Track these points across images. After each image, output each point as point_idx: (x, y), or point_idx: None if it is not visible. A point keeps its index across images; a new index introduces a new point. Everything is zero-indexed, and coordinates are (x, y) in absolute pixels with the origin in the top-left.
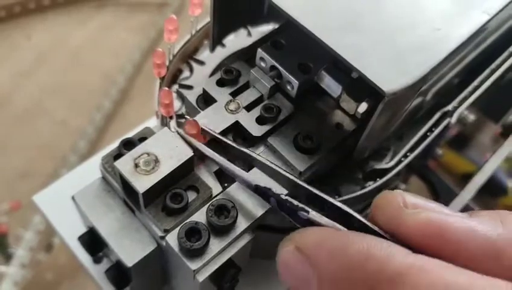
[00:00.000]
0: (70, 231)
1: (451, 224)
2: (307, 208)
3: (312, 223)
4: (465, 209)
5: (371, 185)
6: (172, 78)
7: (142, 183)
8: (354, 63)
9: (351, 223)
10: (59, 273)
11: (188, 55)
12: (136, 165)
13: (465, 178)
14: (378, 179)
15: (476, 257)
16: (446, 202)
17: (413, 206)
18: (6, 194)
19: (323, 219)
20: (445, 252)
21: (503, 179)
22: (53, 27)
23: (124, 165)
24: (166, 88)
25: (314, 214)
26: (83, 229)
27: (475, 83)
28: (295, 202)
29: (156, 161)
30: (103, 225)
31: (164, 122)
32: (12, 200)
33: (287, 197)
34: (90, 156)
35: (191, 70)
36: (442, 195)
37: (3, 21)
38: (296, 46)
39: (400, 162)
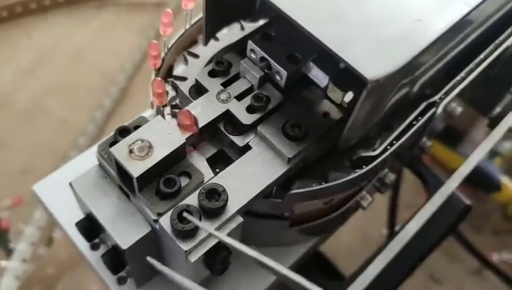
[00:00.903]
0: (68, 219)
1: None
2: None
3: None
4: (451, 198)
5: (358, 172)
6: (168, 71)
7: (137, 168)
8: (338, 51)
9: None
10: (59, 267)
11: (183, 48)
12: (131, 151)
13: None
14: (364, 166)
15: None
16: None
17: None
18: (8, 191)
19: None
20: None
21: (496, 175)
22: (54, 27)
23: (119, 151)
24: (159, 78)
25: None
26: (80, 217)
27: (461, 74)
28: None
29: (150, 147)
30: (100, 209)
31: (159, 112)
32: (13, 196)
33: None
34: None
35: (186, 62)
36: (430, 185)
37: (5, 21)
38: (285, 38)
39: (385, 150)
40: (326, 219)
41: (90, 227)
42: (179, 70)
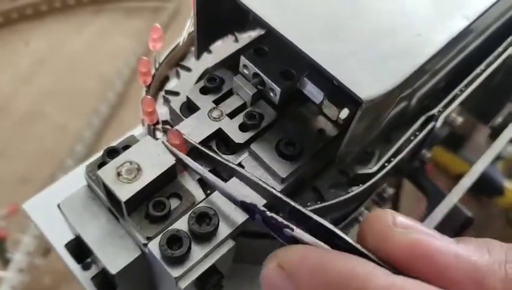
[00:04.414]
0: (59, 238)
1: (437, 247)
2: (291, 225)
3: (297, 240)
4: (453, 211)
5: (355, 190)
6: (160, 85)
7: (125, 192)
8: (331, 69)
9: (335, 242)
10: (56, 277)
11: (176, 61)
12: (119, 174)
13: (460, 178)
14: (361, 185)
15: (458, 281)
16: (435, 204)
17: (402, 226)
18: (5, 199)
19: (307, 237)
20: (429, 274)
21: (499, 179)
22: (51, 32)
23: (107, 173)
24: (149, 96)
25: (298, 232)
26: (71, 236)
27: (460, 87)
28: (280, 219)
29: (139, 169)
30: (88, 232)
31: (149, 130)
32: (10, 204)
33: (272, 214)
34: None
35: (178, 76)
36: (431, 197)
37: (1, 27)
38: (279, 53)
39: (383, 167)
40: None
41: (79, 249)
42: (171, 84)
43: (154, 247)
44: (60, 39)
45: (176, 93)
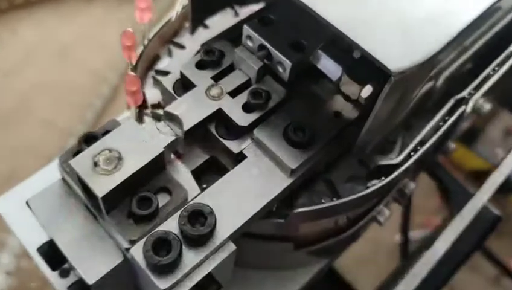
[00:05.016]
0: (35, 239)
1: None
2: None
3: None
4: (483, 211)
5: (375, 185)
6: (150, 64)
7: (102, 186)
8: (355, 38)
9: None
10: (43, 281)
11: (168, 39)
12: (96, 164)
13: (474, 174)
14: (383, 178)
15: None
16: (459, 202)
17: None
18: None
19: None
20: None
21: None
22: (40, 23)
23: (81, 164)
24: (132, 73)
25: None
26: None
27: (493, 66)
28: None
29: (119, 158)
30: (61, 234)
31: (136, 114)
32: None
33: None
34: None
35: (170, 55)
36: (453, 194)
37: None
38: (288, 21)
39: (409, 156)
40: (337, 238)
41: (54, 253)
42: (162, 63)
43: (137, 252)
44: (50, 30)
45: (168, 74)
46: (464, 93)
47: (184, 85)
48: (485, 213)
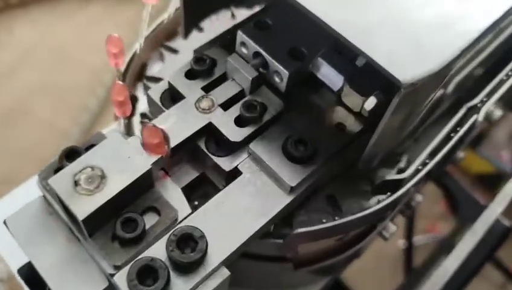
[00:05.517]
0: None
1: None
2: None
3: None
4: (496, 224)
5: (382, 202)
6: (140, 70)
7: (83, 208)
8: (360, 45)
9: None
10: None
11: (160, 43)
12: (76, 183)
13: (480, 179)
14: (389, 193)
15: None
16: (468, 212)
17: None
18: None
19: None
20: None
21: None
22: (37, 22)
23: (61, 182)
24: (120, 82)
25: None
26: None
27: (505, 71)
28: None
29: (102, 176)
30: (41, 256)
31: (124, 125)
32: None
33: None
34: None
35: (163, 59)
36: (461, 203)
37: None
38: (286, 26)
39: (417, 171)
40: (339, 258)
41: (35, 276)
42: (154, 69)
43: (121, 280)
44: (46, 29)
45: (159, 80)
46: (476, 101)
47: (172, 96)
48: (496, 226)
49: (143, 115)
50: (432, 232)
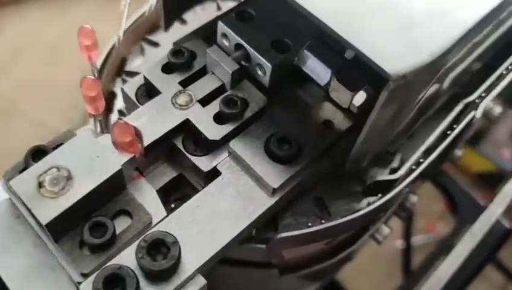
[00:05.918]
0: None
1: None
2: None
3: None
4: (496, 225)
5: (372, 204)
6: (120, 64)
7: (46, 211)
8: (346, 35)
9: None
10: None
11: (141, 36)
12: (41, 185)
13: (481, 178)
14: (380, 195)
15: None
16: (467, 213)
17: None
18: None
19: None
20: None
21: None
22: (28, 19)
23: (24, 184)
24: (90, 76)
25: None
26: None
27: (505, 66)
28: None
29: (69, 177)
30: (6, 263)
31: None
32: None
33: None
34: None
35: (143, 53)
36: (460, 203)
37: None
38: (270, 17)
39: (411, 170)
40: (329, 262)
41: (1, 284)
42: (134, 63)
43: (87, 289)
44: (38, 27)
45: (138, 74)
46: (474, 97)
47: (148, 92)
48: (496, 227)
49: (120, 112)
50: (431, 232)
